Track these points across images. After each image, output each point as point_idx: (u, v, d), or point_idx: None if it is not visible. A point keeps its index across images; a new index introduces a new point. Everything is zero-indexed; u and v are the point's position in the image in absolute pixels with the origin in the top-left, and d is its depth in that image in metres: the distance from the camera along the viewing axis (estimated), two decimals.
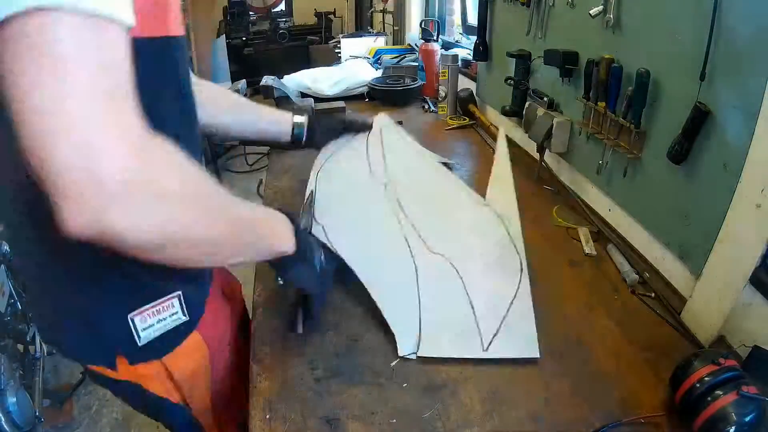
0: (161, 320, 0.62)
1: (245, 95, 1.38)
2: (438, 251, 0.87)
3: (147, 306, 0.60)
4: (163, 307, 0.61)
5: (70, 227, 0.38)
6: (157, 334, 0.63)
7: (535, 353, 0.74)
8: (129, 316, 0.59)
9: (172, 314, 0.63)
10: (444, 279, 0.84)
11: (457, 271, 0.85)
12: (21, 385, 1.53)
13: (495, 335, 0.75)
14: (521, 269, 0.86)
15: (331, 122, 1.07)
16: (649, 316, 0.86)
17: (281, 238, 0.62)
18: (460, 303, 0.80)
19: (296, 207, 1.06)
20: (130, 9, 0.40)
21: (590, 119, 1.12)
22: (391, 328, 0.77)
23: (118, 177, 0.38)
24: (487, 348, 0.73)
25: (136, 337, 0.61)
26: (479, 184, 1.36)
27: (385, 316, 0.78)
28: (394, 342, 0.80)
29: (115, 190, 0.38)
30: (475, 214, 0.98)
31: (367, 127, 1.10)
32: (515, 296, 0.81)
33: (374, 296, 0.80)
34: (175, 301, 0.63)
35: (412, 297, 0.82)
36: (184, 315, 0.64)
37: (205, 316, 0.70)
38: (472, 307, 0.79)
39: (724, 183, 0.76)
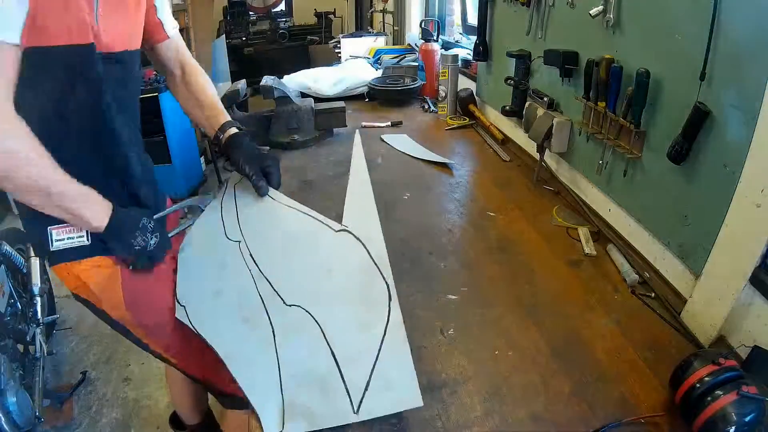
0: (70, 238, 0.86)
1: (245, 95, 1.38)
2: (293, 302, 0.76)
3: (63, 225, 0.84)
4: (73, 229, 0.85)
5: None
6: (64, 247, 0.86)
7: (417, 402, 0.63)
8: (48, 228, 0.85)
9: (80, 236, 0.85)
10: (302, 332, 0.73)
11: (315, 319, 0.73)
12: (21, 385, 1.53)
13: (366, 390, 0.64)
14: (389, 297, 0.74)
15: (257, 153, 1.03)
16: (649, 316, 0.86)
17: (91, 218, 0.80)
18: (321, 357, 0.69)
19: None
20: (17, 31, 0.68)
21: (590, 119, 1.12)
22: (254, 407, 0.65)
23: None
24: (358, 410, 0.62)
25: (50, 243, 0.85)
26: (479, 183, 1.37)
27: (247, 395, 0.66)
28: None
29: None
30: (331, 248, 0.86)
31: (273, 183, 1.01)
32: (385, 333, 0.70)
33: (234, 373, 0.68)
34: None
35: (271, 363, 0.69)
36: (87, 240, 0.86)
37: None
38: (335, 360, 0.68)
39: (724, 183, 0.76)
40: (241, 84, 1.63)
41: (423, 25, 2.41)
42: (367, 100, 2.21)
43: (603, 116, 1.06)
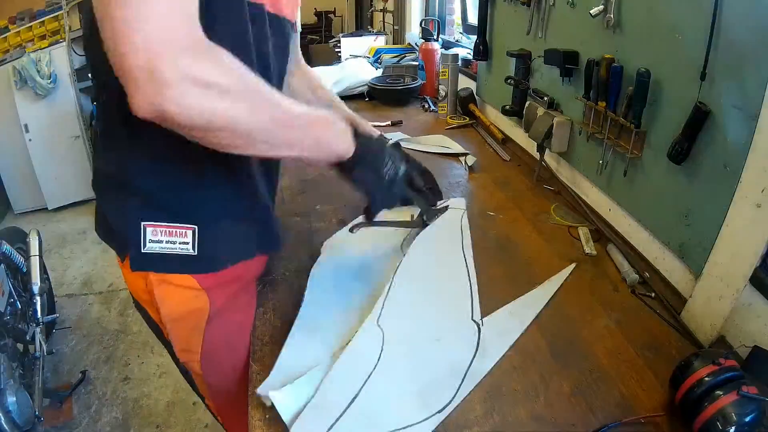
0: (170, 242, 0.68)
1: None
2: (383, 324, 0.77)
3: (162, 223, 0.68)
4: (177, 232, 0.68)
5: (134, 107, 0.48)
6: (163, 251, 0.69)
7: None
8: (142, 223, 0.67)
9: (183, 242, 0.69)
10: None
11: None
12: (21, 384, 1.53)
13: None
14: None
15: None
16: (649, 316, 0.86)
17: (338, 141, 0.67)
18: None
19: (297, 206, 1.06)
20: None
21: (590, 119, 1.12)
22: (279, 361, 0.70)
23: (171, 68, 0.47)
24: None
25: (142, 243, 0.68)
26: (479, 182, 1.36)
27: (284, 351, 0.72)
28: None
29: (167, 79, 0.47)
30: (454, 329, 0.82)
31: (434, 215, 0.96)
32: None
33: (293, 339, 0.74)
34: (190, 233, 0.69)
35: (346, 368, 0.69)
36: (193, 249, 0.69)
37: (218, 280, 0.75)
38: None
39: (724, 183, 0.76)
40: None
41: (423, 25, 2.41)
42: (367, 99, 2.21)
43: (603, 116, 1.06)
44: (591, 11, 1.05)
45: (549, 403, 0.69)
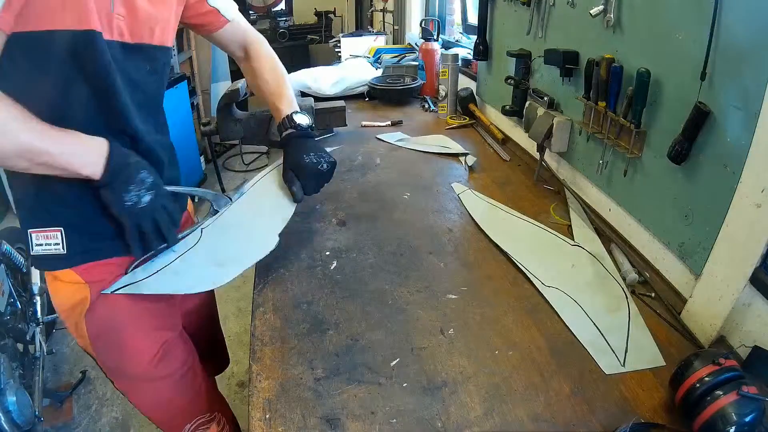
0: (48, 244, 0.81)
1: (245, 95, 1.38)
2: (552, 285, 0.92)
3: (41, 228, 0.81)
4: (50, 235, 0.81)
5: None
6: (43, 253, 0.81)
7: (661, 362, 0.76)
8: (29, 231, 0.81)
9: (56, 243, 0.81)
10: (567, 307, 0.88)
11: (575, 300, 0.89)
12: (21, 384, 1.53)
13: (626, 352, 0.78)
14: (626, 296, 0.90)
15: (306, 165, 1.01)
16: (649, 316, 0.86)
17: (82, 165, 0.73)
18: (587, 326, 0.84)
19: (297, 206, 1.06)
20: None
21: (590, 119, 1.12)
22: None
23: None
24: (624, 363, 0.76)
25: (30, 247, 0.82)
26: (480, 182, 1.36)
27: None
28: (394, 342, 0.80)
29: None
30: (571, 254, 1.03)
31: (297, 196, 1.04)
32: (629, 318, 0.85)
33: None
34: (58, 234, 0.81)
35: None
36: (63, 249, 0.81)
37: (96, 272, 0.84)
38: (599, 330, 0.82)
39: (724, 183, 0.76)
40: (241, 83, 1.62)
41: (423, 25, 2.41)
42: (367, 99, 2.21)
43: (603, 116, 1.06)
44: (591, 11, 1.05)
45: (549, 403, 0.69)
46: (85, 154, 0.74)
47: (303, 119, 1.06)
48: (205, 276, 0.86)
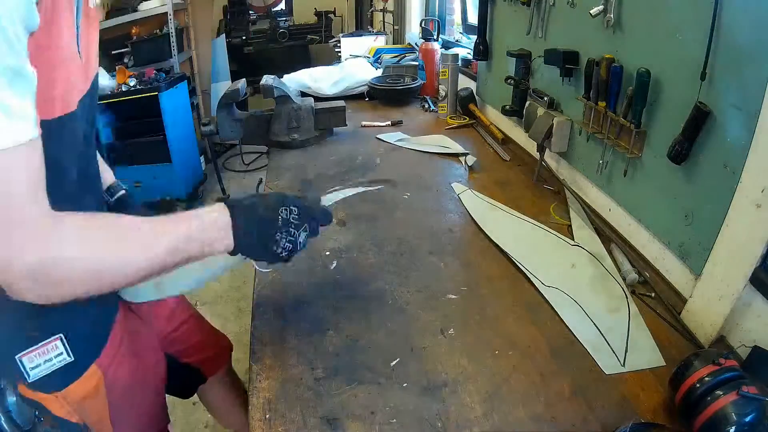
0: (48, 360, 0.67)
1: (245, 94, 1.37)
2: (552, 285, 0.93)
3: (33, 348, 0.66)
4: (47, 349, 0.67)
5: None
6: (46, 372, 0.68)
7: (661, 362, 0.77)
8: (17, 357, 0.66)
9: (58, 355, 0.68)
10: (567, 307, 0.88)
11: (575, 300, 0.89)
12: None
13: (626, 352, 0.78)
14: (626, 296, 0.90)
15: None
16: (649, 316, 0.86)
17: (213, 245, 0.64)
18: (587, 326, 0.84)
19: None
20: (34, 123, 0.49)
21: (590, 119, 1.12)
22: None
23: (21, 262, 0.49)
24: (624, 363, 0.76)
25: (26, 375, 0.67)
26: (480, 182, 1.36)
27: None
28: (394, 342, 0.80)
29: (21, 271, 0.49)
30: (571, 254, 1.03)
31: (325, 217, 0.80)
32: (629, 318, 0.85)
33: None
34: (58, 343, 0.68)
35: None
36: (69, 356, 0.69)
37: (108, 350, 0.75)
38: (599, 330, 0.83)
39: (724, 183, 0.76)
40: (241, 83, 1.62)
41: (423, 25, 2.41)
42: (367, 99, 2.21)
43: (603, 116, 1.06)
44: (591, 11, 1.05)
45: (549, 403, 0.69)
46: (210, 233, 0.64)
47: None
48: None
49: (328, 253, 1.05)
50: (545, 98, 1.32)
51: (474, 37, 1.82)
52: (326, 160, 1.54)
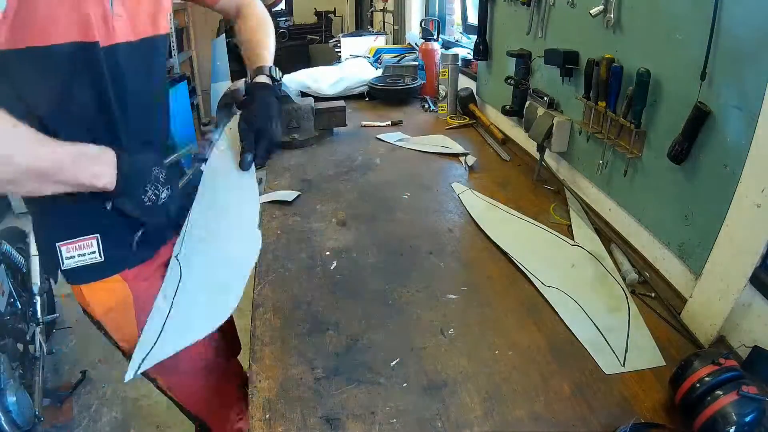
0: (81, 255, 0.77)
1: (245, 95, 1.37)
2: (552, 285, 0.93)
3: (72, 240, 0.77)
4: (84, 244, 0.77)
5: None
6: (78, 264, 0.78)
7: (661, 362, 0.76)
8: (57, 244, 0.77)
9: (91, 252, 0.77)
10: (567, 307, 0.88)
11: (575, 300, 0.89)
12: (21, 384, 1.53)
13: (626, 351, 0.78)
14: (626, 296, 0.90)
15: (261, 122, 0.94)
16: (649, 316, 0.86)
17: (94, 177, 0.68)
18: (587, 326, 0.84)
19: (297, 206, 1.06)
20: None
21: (590, 119, 1.12)
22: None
23: None
24: (624, 363, 0.76)
25: (61, 262, 0.77)
26: (480, 182, 1.36)
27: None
28: (394, 342, 0.80)
29: None
30: (571, 254, 1.03)
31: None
32: (629, 318, 0.85)
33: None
34: (94, 242, 0.78)
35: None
36: (100, 256, 0.78)
37: (136, 271, 0.84)
38: (599, 330, 0.83)
39: (725, 183, 0.76)
40: (241, 83, 1.62)
41: (423, 25, 2.41)
42: (367, 99, 2.21)
43: (603, 116, 1.06)
44: (591, 11, 1.05)
45: (549, 403, 0.69)
46: (94, 165, 0.69)
47: (280, 75, 1.01)
48: (216, 305, 0.79)
49: (328, 253, 1.05)
50: (545, 98, 1.32)
51: (474, 37, 1.82)
52: (326, 160, 1.54)
